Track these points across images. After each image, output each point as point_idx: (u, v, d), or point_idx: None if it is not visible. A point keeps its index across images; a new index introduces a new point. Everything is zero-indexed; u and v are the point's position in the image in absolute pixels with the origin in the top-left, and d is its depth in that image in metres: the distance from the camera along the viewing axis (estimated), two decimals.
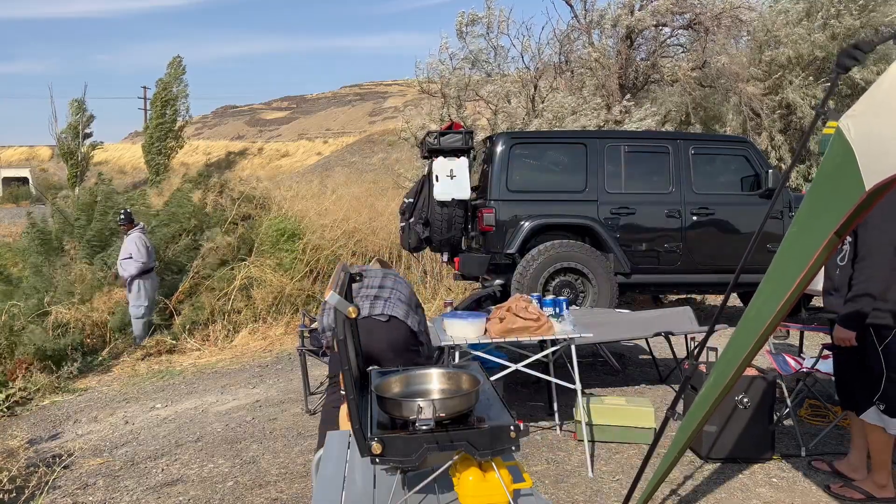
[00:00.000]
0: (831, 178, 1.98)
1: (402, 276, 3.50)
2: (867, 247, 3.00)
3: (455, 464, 1.77)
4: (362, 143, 32.55)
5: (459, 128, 6.59)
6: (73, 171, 30.81)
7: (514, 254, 6.41)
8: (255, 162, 36.60)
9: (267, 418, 4.94)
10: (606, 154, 6.65)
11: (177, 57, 31.02)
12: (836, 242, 2.04)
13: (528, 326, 3.71)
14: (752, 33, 12.82)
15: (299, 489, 3.62)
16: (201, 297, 8.23)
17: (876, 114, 1.78)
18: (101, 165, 35.99)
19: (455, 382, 2.01)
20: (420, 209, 6.62)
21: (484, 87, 12.41)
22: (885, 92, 1.77)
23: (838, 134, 1.92)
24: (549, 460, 3.83)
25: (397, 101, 58.08)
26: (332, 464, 2.15)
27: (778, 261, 2.27)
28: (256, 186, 11.51)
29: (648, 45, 13.54)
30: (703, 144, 6.90)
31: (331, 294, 1.86)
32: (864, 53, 2.09)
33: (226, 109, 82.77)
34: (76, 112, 31.00)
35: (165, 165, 30.07)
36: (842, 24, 12.09)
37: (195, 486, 3.78)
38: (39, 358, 6.55)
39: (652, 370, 5.68)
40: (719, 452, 3.70)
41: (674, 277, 6.75)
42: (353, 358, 2.01)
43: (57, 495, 3.76)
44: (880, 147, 1.75)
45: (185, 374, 6.62)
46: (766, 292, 2.28)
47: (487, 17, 12.51)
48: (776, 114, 12.66)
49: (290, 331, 7.92)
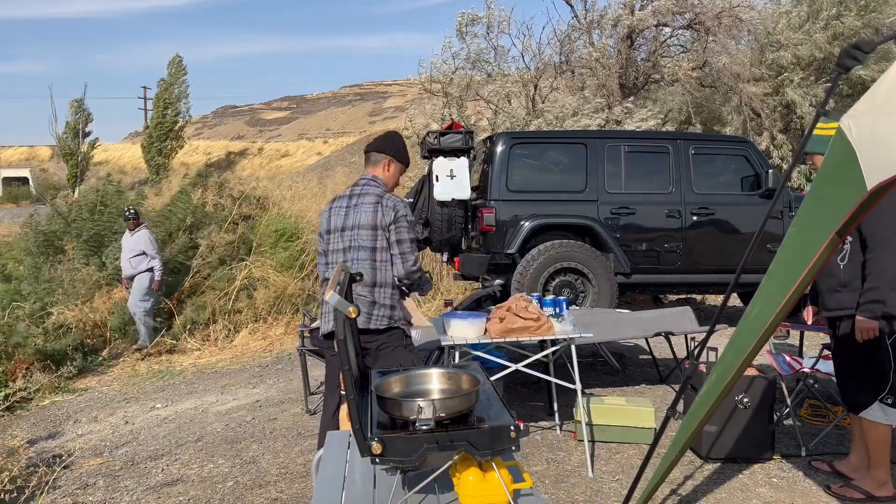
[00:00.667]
0: (832, 178, 1.98)
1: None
2: (875, 238, 3.04)
3: (455, 464, 1.77)
4: (362, 143, 32.52)
5: (460, 128, 6.59)
6: (72, 171, 30.85)
7: (514, 254, 6.41)
8: (255, 162, 36.61)
9: (267, 418, 4.94)
10: (606, 154, 6.65)
11: (177, 56, 31.04)
12: (837, 242, 2.04)
13: (528, 326, 3.71)
14: (754, 34, 12.82)
15: (299, 489, 3.62)
16: (202, 296, 8.23)
17: (877, 113, 1.78)
18: (101, 165, 36.03)
19: (455, 382, 2.01)
20: (420, 209, 6.62)
21: (485, 87, 12.42)
22: (885, 92, 1.77)
23: (839, 134, 1.92)
24: (549, 460, 3.83)
25: (397, 101, 58.13)
26: (332, 464, 2.15)
27: (779, 261, 2.27)
28: (256, 186, 11.51)
29: (649, 45, 13.54)
30: (703, 144, 6.90)
31: (331, 294, 1.86)
32: (865, 53, 2.09)
33: (226, 109, 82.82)
34: (76, 112, 31.03)
35: (165, 165, 30.07)
36: (843, 25, 12.10)
37: (195, 486, 3.77)
38: (39, 358, 6.54)
39: (652, 370, 5.68)
40: (719, 452, 3.69)
41: (674, 277, 6.75)
42: (353, 358, 2.01)
43: (57, 495, 3.76)
44: (882, 147, 1.75)
45: (185, 374, 6.63)
46: (767, 292, 2.28)
47: (487, 16, 12.53)
48: (777, 113, 12.67)
49: (290, 331, 7.92)
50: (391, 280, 3.17)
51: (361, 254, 3.15)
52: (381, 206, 3.14)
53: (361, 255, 3.15)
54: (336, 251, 3.24)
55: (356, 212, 3.19)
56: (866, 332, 3.07)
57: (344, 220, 3.23)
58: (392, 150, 3.33)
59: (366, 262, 3.14)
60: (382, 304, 3.14)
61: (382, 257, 3.15)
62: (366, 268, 3.13)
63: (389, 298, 3.17)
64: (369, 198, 3.18)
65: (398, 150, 3.35)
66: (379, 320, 3.12)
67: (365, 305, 3.12)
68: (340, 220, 3.24)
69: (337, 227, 3.25)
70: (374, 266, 3.14)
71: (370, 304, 3.12)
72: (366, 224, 3.14)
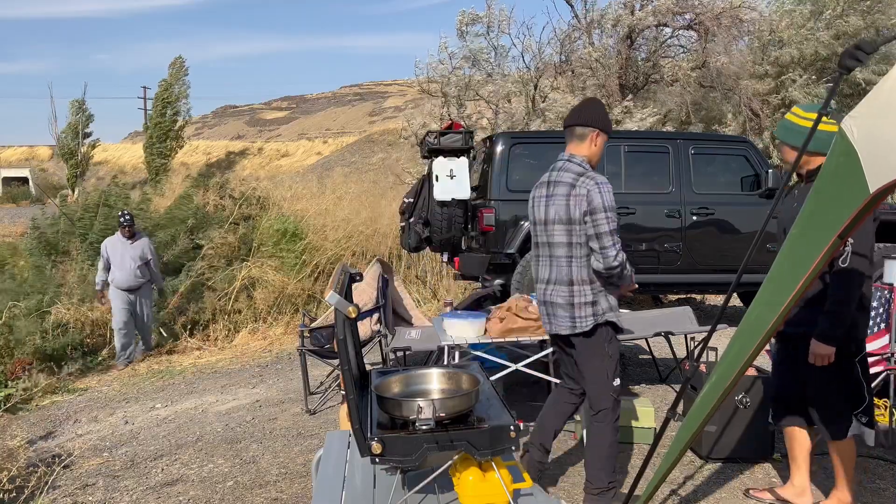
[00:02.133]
0: (834, 180, 1.98)
1: None
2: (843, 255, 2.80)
3: (455, 464, 1.77)
4: (362, 143, 32.58)
5: (459, 128, 6.59)
6: (72, 170, 30.87)
7: (514, 254, 6.41)
8: (255, 162, 36.60)
9: (267, 418, 4.94)
10: (606, 154, 6.64)
11: (179, 57, 31.05)
12: (839, 245, 2.04)
13: (528, 326, 3.71)
14: (757, 33, 12.83)
15: (299, 489, 3.62)
16: (203, 297, 8.23)
17: (879, 115, 1.78)
18: (101, 165, 36.05)
19: (455, 382, 2.01)
20: (420, 209, 6.62)
21: (484, 87, 12.41)
22: (887, 93, 1.77)
23: (841, 135, 1.91)
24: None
25: (397, 101, 58.12)
26: (332, 464, 2.15)
27: (779, 263, 2.27)
28: (256, 186, 11.52)
29: (649, 45, 13.54)
30: (703, 144, 6.90)
31: (331, 294, 1.86)
32: (867, 54, 2.09)
33: (226, 109, 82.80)
34: (76, 112, 31.03)
35: (165, 166, 30.07)
36: (847, 24, 12.10)
37: (195, 486, 3.77)
38: (39, 358, 6.54)
39: (652, 370, 5.67)
40: (719, 452, 3.69)
41: (674, 277, 6.75)
42: (353, 358, 2.01)
43: (57, 495, 3.76)
44: (884, 149, 1.75)
45: (185, 374, 6.62)
46: (768, 295, 2.27)
47: (488, 16, 12.52)
48: (778, 113, 12.67)
49: (290, 331, 7.92)
50: (588, 275, 2.89)
51: (557, 250, 2.93)
52: (573, 196, 2.85)
53: (557, 251, 2.93)
54: (539, 245, 3.05)
55: (551, 203, 2.95)
56: (820, 359, 2.80)
57: (545, 212, 2.99)
58: (599, 121, 2.99)
59: (562, 259, 2.91)
60: (583, 302, 2.89)
61: (580, 252, 2.88)
62: (563, 265, 2.90)
63: (591, 294, 2.89)
64: (562, 187, 2.91)
65: (604, 120, 3.00)
66: (583, 321, 2.89)
67: (565, 309, 2.91)
68: (542, 212, 3.01)
69: (539, 219, 3.03)
70: (571, 263, 2.89)
71: (570, 307, 2.90)
72: (559, 218, 2.90)
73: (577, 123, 3.00)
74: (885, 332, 4.08)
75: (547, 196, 2.99)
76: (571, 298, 2.90)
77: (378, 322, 5.30)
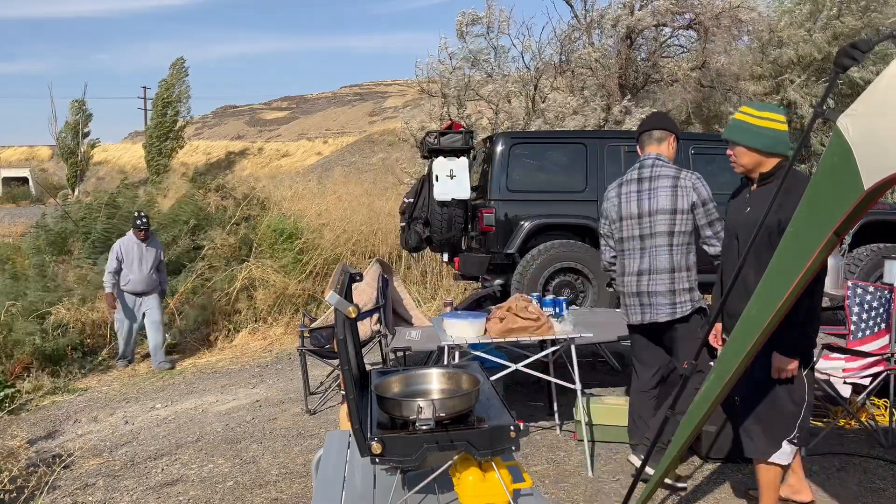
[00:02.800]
0: (829, 178, 1.98)
1: None
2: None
3: (455, 464, 1.77)
4: (362, 143, 32.55)
5: (459, 128, 6.59)
6: (72, 170, 30.87)
7: (514, 254, 6.41)
8: (255, 162, 36.59)
9: (267, 418, 4.94)
10: (606, 154, 6.65)
11: (180, 58, 31.08)
12: (835, 242, 2.05)
13: (528, 326, 3.71)
14: (756, 33, 12.83)
15: (299, 489, 3.62)
16: (203, 297, 8.23)
17: (874, 113, 1.78)
18: (101, 165, 36.06)
19: (455, 382, 2.01)
20: (420, 209, 6.62)
21: (484, 87, 12.41)
22: (883, 91, 1.77)
23: (836, 133, 1.92)
24: (549, 460, 3.83)
25: (397, 101, 58.10)
26: (332, 464, 2.15)
27: (776, 261, 2.27)
28: (256, 186, 11.52)
29: (649, 45, 13.55)
30: (703, 144, 6.90)
31: (330, 294, 1.86)
32: (863, 53, 2.09)
33: (226, 109, 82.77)
34: (76, 112, 31.04)
35: (166, 166, 30.08)
36: (844, 24, 12.10)
37: (195, 486, 3.78)
38: (39, 358, 6.54)
39: None
40: (719, 452, 3.69)
41: None
42: (353, 358, 2.01)
43: (57, 495, 3.76)
44: (879, 147, 1.75)
45: (185, 374, 6.63)
46: (765, 292, 2.28)
47: (488, 16, 12.52)
48: None
49: (290, 331, 7.92)
50: (686, 263, 3.14)
51: (659, 240, 3.13)
52: (680, 189, 3.10)
53: (659, 241, 3.13)
54: (631, 238, 3.22)
55: (652, 196, 3.15)
56: (785, 373, 2.64)
57: (639, 206, 3.20)
58: (674, 126, 3.34)
59: (663, 248, 3.11)
60: (682, 289, 3.12)
61: (679, 241, 3.13)
62: (663, 253, 3.11)
63: (688, 281, 3.14)
64: (665, 180, 3.15)
65: (676, 127, 3.36)
66: (682, 306, 3.12)
67: (666, 297, 3.11)
68: (634, 206, 3.21)
69: (632, 213, 3.22)
70: (671, 251, 3.11)
71: (671, 294, 3.11)
72: (665, 209, 3.11)
73: (656, 127, 3.30)
74: (886, 332, 4.09)
75: (639, 191, 3.21)
76: (672, 286, 3.11)
77: (378, 322, 5.30)
